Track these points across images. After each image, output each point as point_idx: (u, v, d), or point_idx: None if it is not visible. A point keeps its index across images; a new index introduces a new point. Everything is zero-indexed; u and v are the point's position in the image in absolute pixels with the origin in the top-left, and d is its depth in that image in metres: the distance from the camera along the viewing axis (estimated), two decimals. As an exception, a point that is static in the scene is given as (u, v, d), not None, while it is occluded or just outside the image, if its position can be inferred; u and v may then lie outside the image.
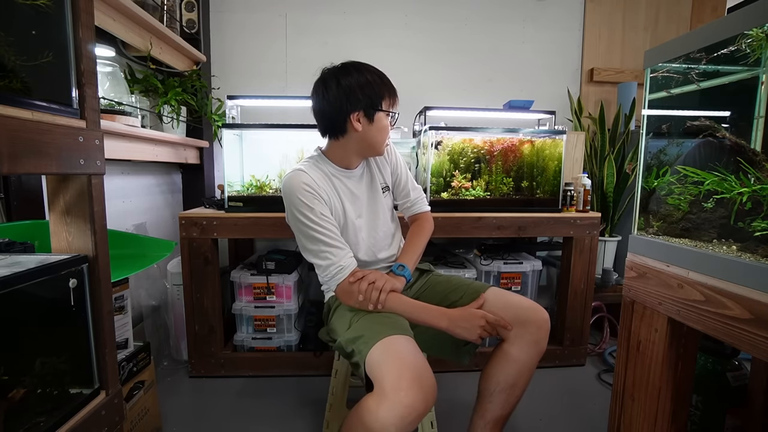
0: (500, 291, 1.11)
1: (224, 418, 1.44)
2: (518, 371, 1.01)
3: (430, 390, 0.77)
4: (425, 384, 0.76)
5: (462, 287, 1.13)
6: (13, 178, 1.12)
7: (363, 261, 1.14)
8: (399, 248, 1.24)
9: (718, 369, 1.12)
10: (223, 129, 1.67)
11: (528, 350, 1.01)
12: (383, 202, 1.20)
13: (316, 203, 1.03)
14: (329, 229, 1.04)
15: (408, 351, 0.84)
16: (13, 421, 0.60)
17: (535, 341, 1.01)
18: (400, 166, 1.26)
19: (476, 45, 2.34)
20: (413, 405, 0.73)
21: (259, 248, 2.31)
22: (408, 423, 0.72)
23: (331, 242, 1.03)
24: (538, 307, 1.04)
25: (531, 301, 1.07)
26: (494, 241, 2.01)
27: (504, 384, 1.02)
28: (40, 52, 0.61)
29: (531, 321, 1.02)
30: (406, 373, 0.76)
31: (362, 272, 1.04)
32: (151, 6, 1.62)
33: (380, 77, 1.07)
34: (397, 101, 1.11)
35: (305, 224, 1.03)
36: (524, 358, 1.01)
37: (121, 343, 1.17)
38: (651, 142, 0.99)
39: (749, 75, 0.93)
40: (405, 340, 0.88)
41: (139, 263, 1.19)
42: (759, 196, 0.74)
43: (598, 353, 1.92)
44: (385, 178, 1.23)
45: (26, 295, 0.63)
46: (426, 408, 0.74)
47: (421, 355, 0.85)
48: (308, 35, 2.25)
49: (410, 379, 0.75)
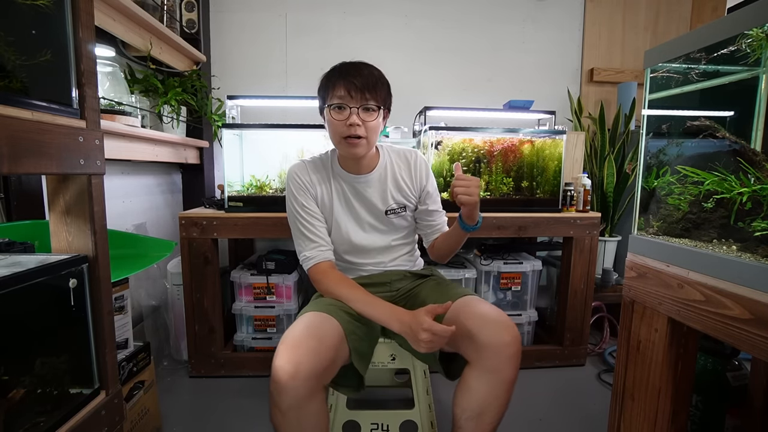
0: (472, 300, 1.00)
1: (224, 418, 1.44)
2: (481, 401, 0.89)
3: (304, 358, 0.82)
4: (298, 351, 0.83)
5: (444, 294, 1.07)
6: (13, 178, 1.12)
7: (348, 261, 1.19)
8: (397, 259, 1.21)
9: (718, 369, 1.12)
10: (223, 129, 1.67)
11: (487, 380, 0.88)
12: (384, 218, 1.15)
13: (301, 193, 1.11)
14: (307, 220, 1.10)
15: (306, 324, 0.91)
16: (13, 421, 0.60)
17: (495, 369, 0.87)
18: (434, 189, 1.20)
19: (476, 45, 2.34)
20: (282, 366, 0.82)
21: (259, 248, 2.31)
22: (279, 380, 0.81)
23: (305, 232, 1.10)
24: (502, 327, 0.89)
25: (498, 317, 0.91)
26: (494, 241, 2.01)
27: (470, 412, 0.90)
28: (40, 52, 0.61)
29: (486, 346, 0.87)
30: (286, 340, 0.87)
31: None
32: (151, 6, 1.62)
33: (330, 72, 1.03)
34: (337, 90, 0.99)
35: (289, 210, 1.13)
36: (484, 389, 0.88)
37: (121, 343, 1.17)
38: (651, 142, 0.99)
39: (749, 75, 0.93)
40: (314, 315, 0.95)
41: (139, 263, 1.19)
42: (759, 196, 0.74)
43: (598, 353, 1.92)
44: (404, 198, 1.16)
45: (26, 295, 0.62)
46: (294, 371, 0.81)
47: (320, 329, 0.90)
48: (308, 35, 2.25)
49: (287, 345, 0.85)
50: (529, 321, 1.82)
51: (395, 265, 1.20)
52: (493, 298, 1.82)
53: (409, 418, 1.18)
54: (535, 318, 1.82)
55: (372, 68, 1.03)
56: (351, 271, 1.20)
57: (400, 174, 1.16)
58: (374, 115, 1.01)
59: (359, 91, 0.98)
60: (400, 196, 1.16)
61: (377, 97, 1.00)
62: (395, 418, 1.19)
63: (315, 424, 0.87)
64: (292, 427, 0.85)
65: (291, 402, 0.82)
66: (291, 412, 0.83)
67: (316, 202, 1.13)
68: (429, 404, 1.20)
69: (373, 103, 1.00)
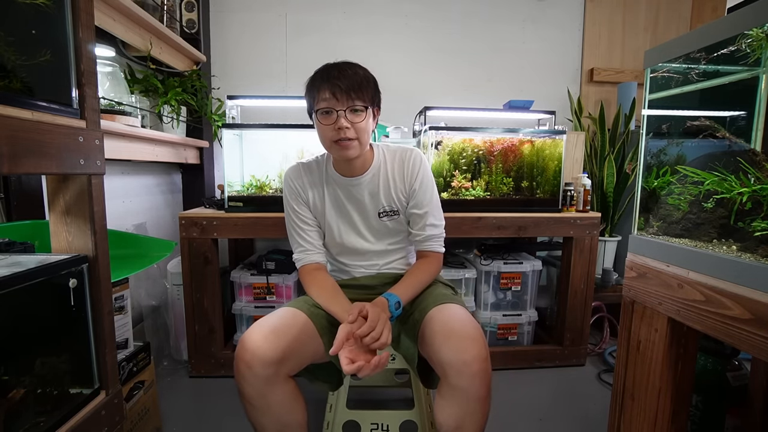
0: (442, 309, 0.94)
1: (224, 418, 1.44)
2: (456, 417, 0.85)
3: (260, 347, 0.85)
4: (254, 341, 0.86)
5: (424, 300, 1.03)
6: (13, 178, 1.12)
7: (341, 262, 1.19)
8: (392, 262, 1.19)
9: (718, 369, 1.12)
10: (223, 129, 1.67)
11: (457, 397, 0.83)
12: (377, 221, 1.13)
13: (293, 197, 1.13)
14: (299, 225, 1.13)
15: (269, 317, 0.95)
16: (13, 421, 0.60)
17: (461, 387, 0.82)
18: (424, 190, 1.10)
19: (476, 45, 2.34)
20: (239, 355, 0.86)
21: (259, 248, 2.31)
22: (237, 368, 0.86)
23: (296, 236, 1.14)
24: (465, 342, 0.83)
25: (461, 331, 0.86)
26: (494, 241, 2.01)
27: (447, 427, 0.86)
28: (40, 52, 0.61)
29: (447, 365, 0.83)
30: (248, 330, 0.90)
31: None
32: (151, 6, 1.62)
33: (314, 76, 1.00)
34: (322, 93, 0.96)
35: (285, 211, 1.16)
36: (456, 406, 0.84)
37: (121, 343, 1.17)
38: (651, 142, 0.99)
39: (749, 75, 0.93)
40: (283, 310, 0.99)
41: (139, 263, 1.19)
42: (759, 196, 0.74)
43: (598, 353, 1.92)
44: (395, 201, 1.12)
45: (26, 295, 0.62)
46: (249, 358, 0.84)
47: (282, 319, 0.93)
48: (308, 35, 2.25)
49: (245, 336, 0.88)
50: (529, 321, 1.82)
51: (389, 268, 1.18)
52: (493, 298, 1.82)
53: (409, 418, 1.18)
54: (535, 318, 1.82)
55: (357, 67, 1.00)
56: (343, 273, 1.20)
57: (392, 175, 1.11)
58: (362, 116, 0.98)
59: (344, 93, 0.95)
60: (392, 199, 1.11)
61: (364, 96, 0.97)
62: (395, 418, 1.19)
63: (283, 413, 0.88)
64: (260, 415, 0.88)
65: (250, 390, 0.85)
66: (254, 400, 0.86)
67: (309, 206, 1.14)
68: (429, 404, 1.20)
69: (360, 104, 0.97)
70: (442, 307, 0.96)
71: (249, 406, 0.88)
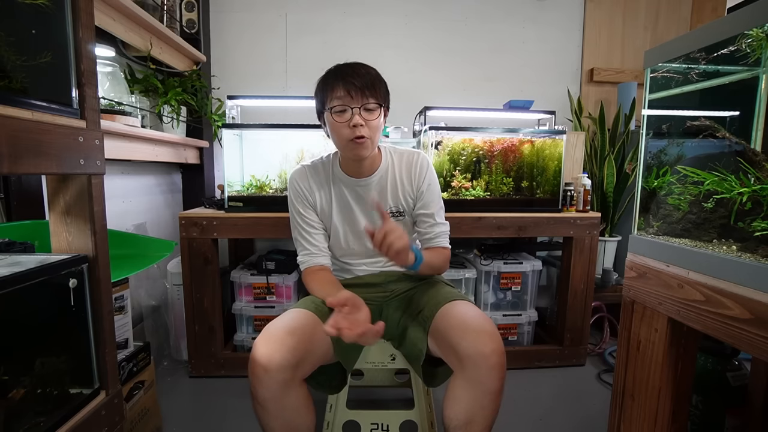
0: (457, 305, 0.96)
1: (224, 418, 1.44)
2: (467, 411, 0.86)
3: (277, 350, 0.84)
4: (272, 344, 0.86)
5: (434, 297, 1.03)
6: (13, 178, 1.12)
7: (345, 262, 1.19)
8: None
9: (718, 369, 1.12)
10: (223, 129, 1.67)
11: (472, 390, 0.85)
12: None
13: (299, 200, 1.13)
14: (303, 228, 1.13)
15: (283, 319, 0.94)
16: (13, 421, 0.60)
17: (477, 380, 0.84)
18: (431, 192, 1.14)
19: (476, 45, 2.34)
20: (256, 358, 0.85)
21: (259, 248, 2.31)
22: (254, 372, 0.84)
23: (300, 238, 1.14)
24: (483, 336, 0.85)
25: (479, 326, 0.87)
26: (494, 241, 2.01)
27: (457, 422, 0.87)
28: (40, 52, 0.61)
29: (466, 357, 0.85)
30: (263, 334, 0.89)
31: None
32: (151, 6, 1.62)
33: (326, 75, 1.01)
34: (336, 91, 0.98)
35: (290, 214, 1.16)
36: (469, 399, 0.86)
37: (121, 343, 1.17)
38: (651, 142, 0.99)
39: (749, 75, 0.93)
40: (294, 311, 0.98)
41: (139, 263, 1.19)
42: (759, 196, 0.74)
43: (598, 353, 1.92)
44: (402, 202, 1.14)
45: (26, 295, 0.62)
46: (267, 362, 0.83)
47: (295, 322, 0.92)
48: (308, 35, 2.25)
49: (263, 339, 0.88)
50: (529, 321, 1.82)
51: (392, 266, 1.17)
52: (493, 298, 1.82)
53: (409, 418, 1.18)
54: (535, 318, 1.82)
55: (368, 68, 1.02)
56: (346, 272, 1.20)
57: (400, 177, 1.13)
58: (375, 114, 1.00)
59: (359, 90, 0.97)
60: (399, 200, 1.14)
61: (377, 95, 0.99)
62: (395, 418, 1.19)
63: (295, 417, 0.88)
64: (272, 419, 0.87)
65: (266, 394, 0.84)
66: (268, 404, 0.85)
67: (315, 209, 1.14)
68: (429, 404, 1.20)
69: (373, 102, 0.99)
70: (455, 303, 0.98)
71: (261, 410, 0.87)
